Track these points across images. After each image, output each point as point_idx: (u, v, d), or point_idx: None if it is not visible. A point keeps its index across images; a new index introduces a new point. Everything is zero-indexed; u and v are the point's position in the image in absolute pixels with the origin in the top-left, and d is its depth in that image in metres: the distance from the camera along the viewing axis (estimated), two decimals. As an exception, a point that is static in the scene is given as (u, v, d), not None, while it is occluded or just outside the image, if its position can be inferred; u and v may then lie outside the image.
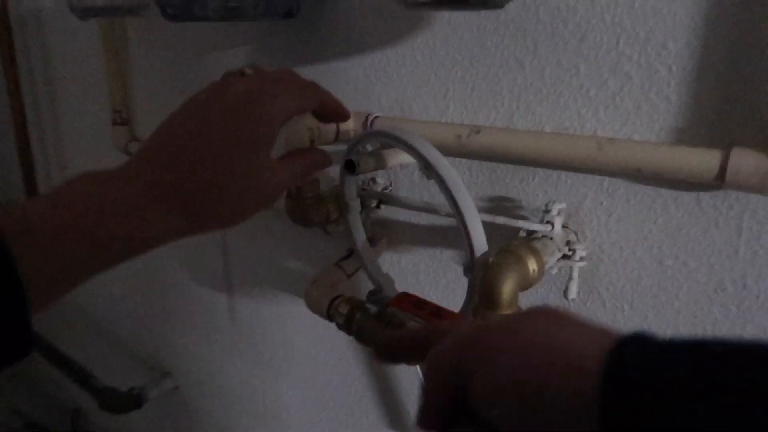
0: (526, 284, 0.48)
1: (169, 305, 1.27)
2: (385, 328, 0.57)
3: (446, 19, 0.60)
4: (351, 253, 0.70)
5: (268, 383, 1.07)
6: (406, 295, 0.55)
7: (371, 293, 0.58)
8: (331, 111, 0.38)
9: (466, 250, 0.47)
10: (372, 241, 0.74)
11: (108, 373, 1.37)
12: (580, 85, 0.52)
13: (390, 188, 0.72)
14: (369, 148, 0.61)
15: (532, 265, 0.48)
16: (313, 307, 0.66)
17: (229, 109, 0.31)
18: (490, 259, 0.47)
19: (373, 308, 0.57)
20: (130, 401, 1.21)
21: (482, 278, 0.47)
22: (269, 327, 1.01)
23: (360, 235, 0.62)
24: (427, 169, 0.46)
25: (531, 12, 0.53)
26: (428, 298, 0.73)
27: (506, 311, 0.46)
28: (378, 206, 0.73)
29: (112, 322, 1.51)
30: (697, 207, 0.48)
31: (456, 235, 0.67)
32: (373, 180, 0.72)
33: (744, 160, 0.42)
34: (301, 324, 0.94)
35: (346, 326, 0.60)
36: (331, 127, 0.63)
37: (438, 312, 0.52)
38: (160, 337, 1.35)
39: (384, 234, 0.75)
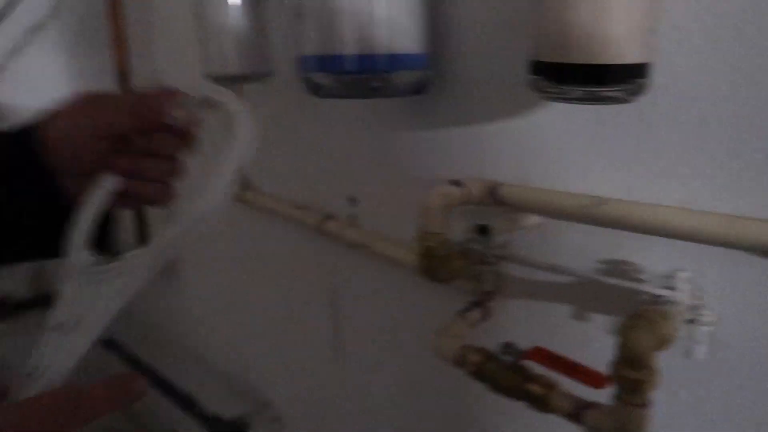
0: (661, 346, 0.54)
1: (270, 337, 1.36)
2: (519, 379, 0.63)
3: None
4: (471, 305, 0.77)
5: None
6: (540, 349, 0.62)
7: (506, 345, 0.64)
8: (146, 110, 0.44)
9: None
10: (489, 294, 0.80)
11: (208, 402, 1.47)
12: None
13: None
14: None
15: (665, 329, 0.54)
16: (441, 353, 0.73)
17: None
18: (626, 321, 0.54)
19: (507, 359, 0.64)
20: (235, 430, 1.30)
21: (622, 339, 0.53)
22: (377, 365, 1.09)
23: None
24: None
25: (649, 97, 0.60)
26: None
27: (646, 372, 0.52)
28: (496, 262, 0.80)
29: (209, 349, 1.62)
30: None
31: (577, 296, 0.73)
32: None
33: None
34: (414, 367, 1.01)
35: (479, 375, 0.67)
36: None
37: (575, 366, 0.58)
38: (260, 368, 1.45)
39: (501, 287, 0.82)
